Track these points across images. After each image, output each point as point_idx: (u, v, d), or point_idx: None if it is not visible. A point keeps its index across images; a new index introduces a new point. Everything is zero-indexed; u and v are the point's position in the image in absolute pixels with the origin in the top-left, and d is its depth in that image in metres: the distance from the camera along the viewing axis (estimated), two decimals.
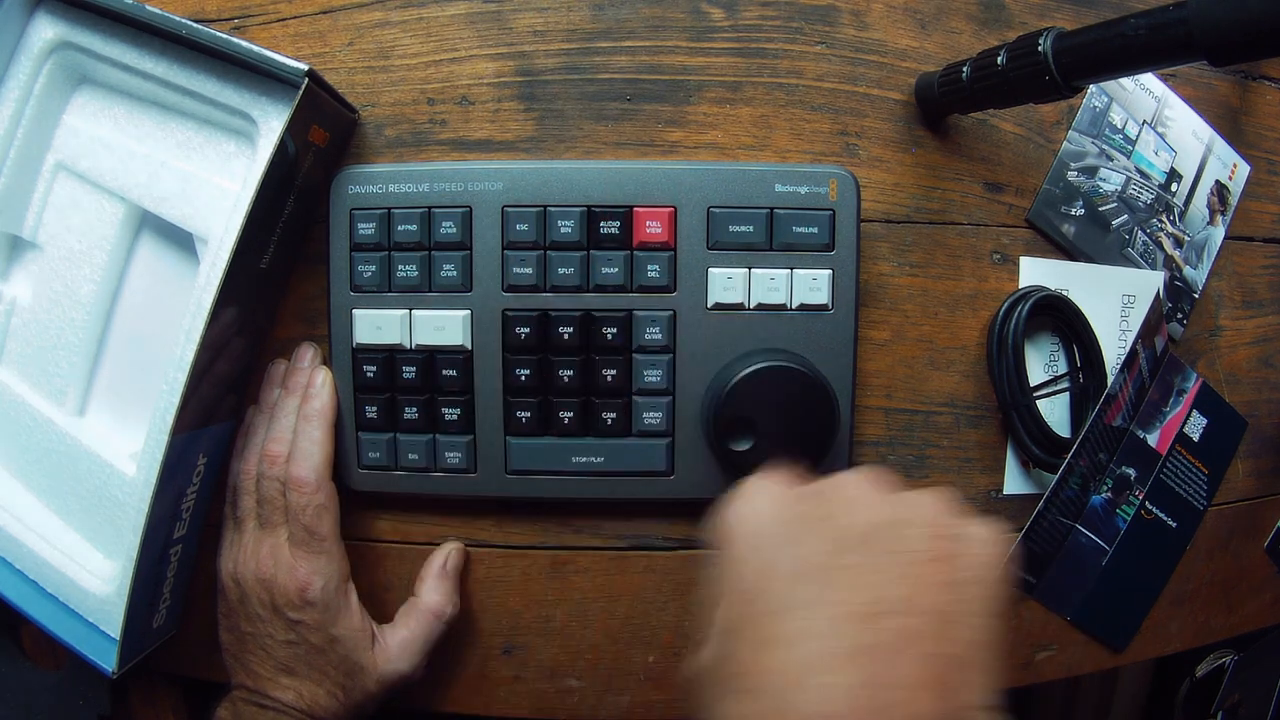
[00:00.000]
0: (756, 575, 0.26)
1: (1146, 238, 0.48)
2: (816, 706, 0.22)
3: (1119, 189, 0.47)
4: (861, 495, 0.27)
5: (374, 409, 0.42)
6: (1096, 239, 0.47)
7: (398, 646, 0.41)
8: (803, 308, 0.42)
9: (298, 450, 0.40)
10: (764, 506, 0.28)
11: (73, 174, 0.43)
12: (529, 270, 0.41)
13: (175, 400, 0.36)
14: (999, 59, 0.37)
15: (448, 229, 0.41)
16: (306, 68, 0.36)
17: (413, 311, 0.42)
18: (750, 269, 0.41)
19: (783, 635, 0.24)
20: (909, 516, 0.26)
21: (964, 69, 0.40)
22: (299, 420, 0.41)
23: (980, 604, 0.25)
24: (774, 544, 0.26)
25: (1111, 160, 0.47)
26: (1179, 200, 0.49)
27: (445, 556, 0.43)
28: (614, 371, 0.42)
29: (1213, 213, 0.49)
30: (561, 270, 0.41)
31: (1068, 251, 0.47)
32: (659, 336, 0.41)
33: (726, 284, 0.41)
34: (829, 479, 0.28)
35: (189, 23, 0.36)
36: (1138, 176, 0.48)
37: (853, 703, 0.22)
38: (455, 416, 0.42)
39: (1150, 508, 0.48)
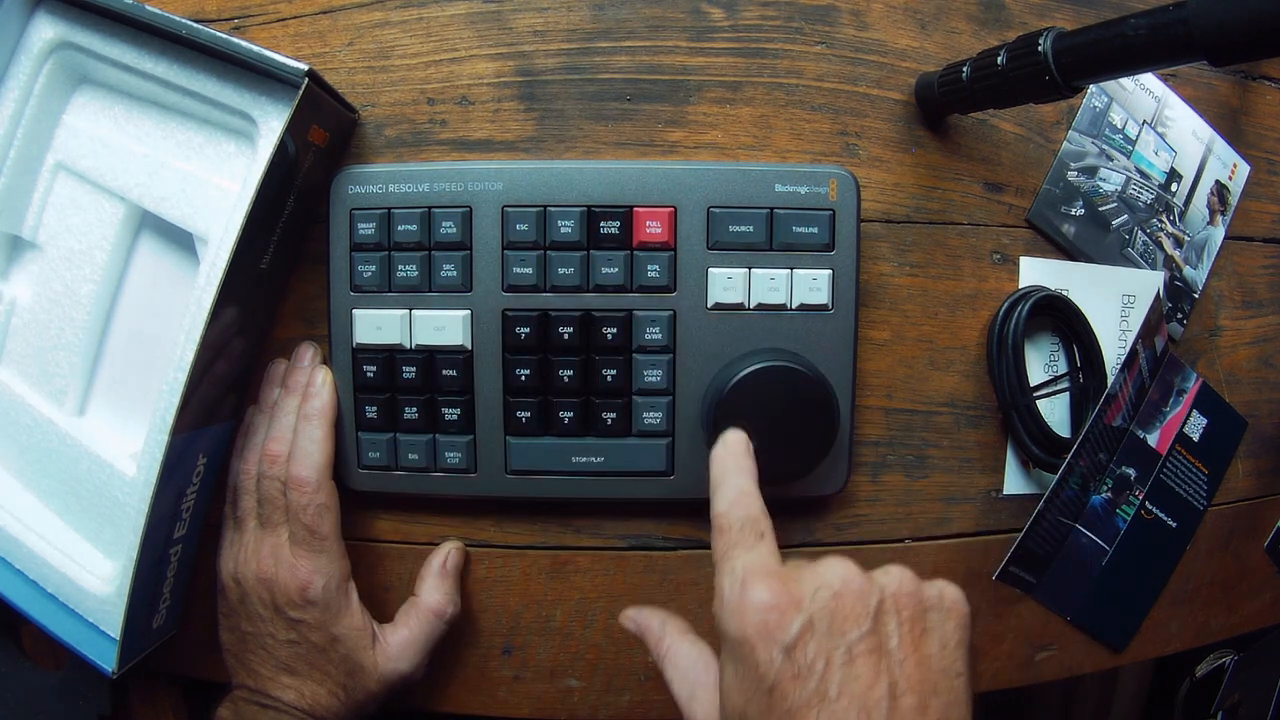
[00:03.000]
0: (776, 675, 0.28)
1: (1146, 238, 0.48)
2: None
3: (1119, 189, 0.47)
4: (846, 593, 0.29)
5: (374, 409, 0.42)
6: (1096, 239, 0.47)
7: (398, 646, 0.41)
8: (803, 308, 0.42)
9: (298, 450, 0.40)
10: (766, 598, 0.29)
11: (73, 174, 0.43)
12: (529, 270, 0.41)
13: (175, 400, 0.36)
14: (999, 59, 0.37)
15: (448, 229, 0.41)
16: (306, 68, 0.36)
17: (413, 311, 0.42)
18: (750, 269, 0.41)
19: None
20: (885, 609, 0.29)
21: (964, 69, 0.40)
22: (299, 420, 0.41)
23: (959, 664, 0.29)
24: (784, 647, 0.28)
25: (1111, 160, 0.47)
26: (1179, 200, 0.49)
27: (445, 556, 0.43)
28: (614, 371, 0.42)
29: (1213, 213, 0.49)
30: (561, 270, 0.41)
31: (1068, 251, 0.47)
32: (659, 336, 0.41)
33: (726, 284, 0.41)
34: (814, 572, 0.30)
35: (189, 23, 0.36)
36: (1138, 176, 0.48)
37: None
38: (455, 416, 0.42)
39: (1150, 508, 0.48)
